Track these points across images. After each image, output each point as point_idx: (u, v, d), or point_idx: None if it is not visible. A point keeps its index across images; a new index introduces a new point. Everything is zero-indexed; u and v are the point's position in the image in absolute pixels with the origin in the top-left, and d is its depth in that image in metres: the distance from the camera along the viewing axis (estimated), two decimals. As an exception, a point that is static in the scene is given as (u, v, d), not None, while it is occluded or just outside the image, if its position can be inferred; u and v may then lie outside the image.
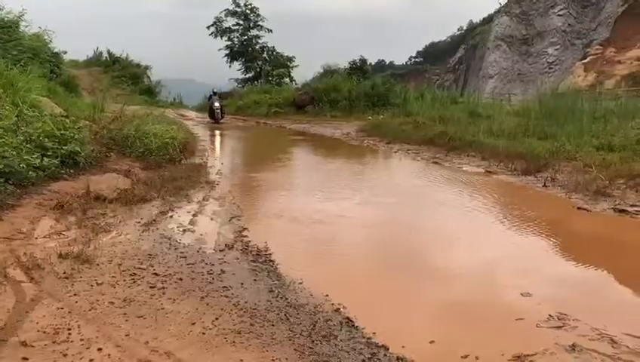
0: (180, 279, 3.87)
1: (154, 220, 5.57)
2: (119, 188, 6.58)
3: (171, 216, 5.82)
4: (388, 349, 2.94)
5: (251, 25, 32.38)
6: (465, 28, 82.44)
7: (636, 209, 6.34)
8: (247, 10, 32.03)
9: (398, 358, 2.84)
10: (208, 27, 32.16)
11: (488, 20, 64.02)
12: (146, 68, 34.35)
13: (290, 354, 2.81)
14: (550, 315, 3.42)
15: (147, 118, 11.47)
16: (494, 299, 3.90)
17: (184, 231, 5.29)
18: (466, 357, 2.89)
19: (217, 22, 32.07)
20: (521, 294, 3.82)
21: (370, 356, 2.85)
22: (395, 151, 12.65)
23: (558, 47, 46.69)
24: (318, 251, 5.08)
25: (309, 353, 2.84)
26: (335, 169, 10.81)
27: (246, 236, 5.22)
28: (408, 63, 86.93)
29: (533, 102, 15.64)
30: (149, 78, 34.34)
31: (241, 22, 32.18)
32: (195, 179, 8.13)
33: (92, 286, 3.63)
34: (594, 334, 3.18)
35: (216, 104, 22.52)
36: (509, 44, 52.11)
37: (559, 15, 47.20)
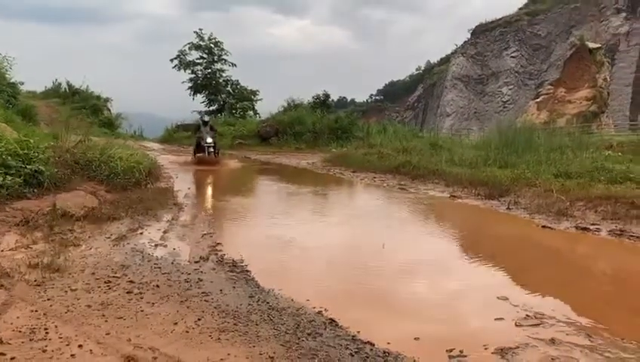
0: (157, 286, 3.79)
1: (124, 236, 5.46)
2: (87, 206, 6.44)
3: (141, 233, 5.72)
4: (373, 345, 2.95)
5: (215, 58, 32.55)
6: (423, 68, 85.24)
7: (597, 227, 6.64)
8: (211, 44, 32.25)
9: (384, 352, 2.86)
10: (172, 60, 32.13)
11: (445, 61, 66.42)
12: (107, 100, 33.83)
13: (277, 349, 2.79)
14: (528, 315, 3.52)
15: (111, 144, 11.28)
16: (473, 302, 3.99)
17: (156, 245, 5.20)
18: (450, 350, 2.93)
19: (181, 55, 32.11)
20: (498, 297, 3.92)
21: (356, 350, 2.86)
22: (362, 179, 12.80)
23: (512, 86, 48.79)
24: (293, 264, 5.07)
25: (296, 348, 2.82)
26: (303, 193, 10.85)
27: (220, 250, 5.17)
28: (369, 101, 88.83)
29: (493, 134, 16.21)
30: (109, 110, 33.82)
31: (205, 55, 32.31)
32: (163, 201, 8.01)
33: (66, 291, 3.52)
34: (571, 329, 3.28)
35: (209, 139, 15.80)
36: (465, 84, 54.09)
37: (512, 57, 49.52)
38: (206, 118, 17.57)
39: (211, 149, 15.95)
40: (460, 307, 3.90)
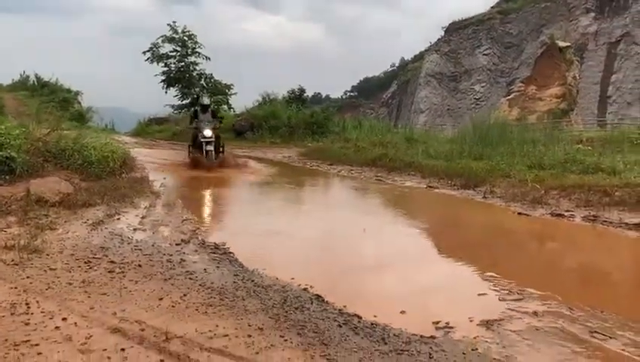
0: (139, 266, 3.74)
1: (101, 221, 5.36)
2: (62, 192, 6.29)
3: (119, 219, 5.63)
4: (361, 318, 2.96)
5: (189, 51, 32.09)
6: (397, 65, 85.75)
7: (571, 213, 6.80)
8: (185, 37, 31.80)
9: (372, 323, 2.87)
10: (144, 52, 31.54)
11: (419, 58, 66.92)
12: (77, 93, 33.07)
13: (266, 321, 2.78)
14: (510, 290, 3.58)
15: (84, 134, 11.05)
16: (456, 280, 4.04)
17: (135, 229, 5.13)
18: (437, 322, 2.96)
19: (154, 48, 31.53)
20: (480, 275, 3.98)
21: (344, 322, 2.87)
22: (339, 172, 12.82)
23: (484, 84, 49.49)
24: (276, 247, 5.06)
25: (285, 320, 2.82)
26: (281, 183, 10.82)
27: (201, 234, 5.12)
28: (344, 97, 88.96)
29: (467, 129, 16.43)
30: (79, 103, 33.10)
31: (178, 48, 31.83)
32: (139, 190, 7.88)
33: (45, 271, 3.44)
34: (552, 303, 3.35)
35: (207, 132, 11.40)
36: (438, 81, 54.61)
37: (485, 54, 50.23)
38: (205, 101, 12.44)
39: (210, 148, 11.20)
40: (443, 284, 3.95)
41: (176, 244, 4.56)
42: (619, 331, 2.88)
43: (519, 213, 6.95)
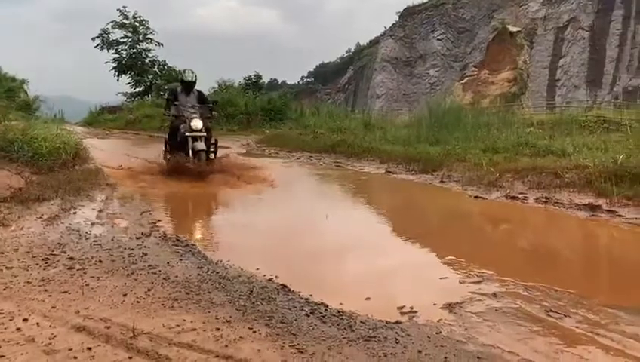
0: (100, 261, 3.66)
1: (57, 216, 5.20)
2: (12, 186, 6.07)
3: (75, 213, 5.47)
4: (327, 306, 3.00)
5: (140, 38, 31.23)
6: (353, 50, 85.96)
7: (525, 195, 7.06)
8: (136, 23, 30.91)
9: (338, 311, 2.92)
10: (93, 39, 30.54)
11: (375, 43, 67.29)
12: (23, 82, 31.79)
13: (233, 313, 2.78)
14: (470, 273, 3.70)
15: (34, 125, 10.65)
16: (418, 265, 4.14)
17: (93, 224, 5.00)
18: (402, 307, 3.03)
19: (104, 34, 30.56)
20: (441, 259, 4.09)
21: (311, 311, 2.90)
22: (298, 158, 12.84)
23: (438, 68, 50.32)
24: (238, 237, 5.05)
25: (252, 311, 2.83)
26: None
27: (161, 226, 5.04)
28: (300, 83, 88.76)
29: (423, 113, 16.68)
30: (26, 93, 31.81)
31: (129, 34, 30.93)
32: (95, 182, 7.66)
33: (1, 270, 3.32)
34: (509, 285, 3.48)
35: (196, 123, 8.24)
36: (394, 66, 55.15)
37: (439, 40, 51.01)
38: (189, 76, 8.75)
39: (200, 146, 8.12)
40: (406, 269, 4.04)
41: (137, 238, 4.48)
42: (572, 309, 3.03)
43: (476, 197, 7.15)
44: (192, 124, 8.14)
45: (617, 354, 2.47)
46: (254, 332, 2.55)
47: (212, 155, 8.59)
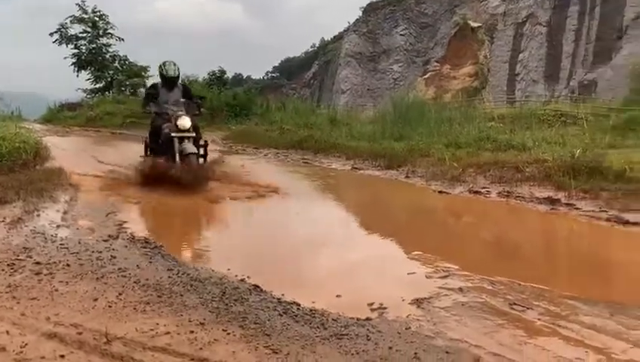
0: (68, 265, 3.61)
1: (20, 218, 5.07)
2: (-29, 189, 5.89)
3: (39, 215, 5.35)
4: (299, 305, 3.05)
5: (100, 32, 30.45)
6: (318, 45, 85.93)
7: (487, 190, 7.28)
8: (96, 17, 30.12)
9: (310, 310, 2.97)
10: (51, 34, 29.61)
11: (339, 38, 67.43)
12: (-23, 77, 30.65)
13: (207, 315, 2.80)
14: (437, 268, 3.81)
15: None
16: (386, 261, 4.23)
17: (58, 226, 4.90)
18: (372, 304, 3.11)
19: (62, 28, 29.66)
20: (408, 255, 4.19)
21: (284, 311, 2.94)
22: (265, 155, 12.82)
23: (401, 64, 50.80)
24: (207, 238, 5.05)
25: (225, 313, 2.85)
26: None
27: (128, 228, 4.99)
28: (265, 78, 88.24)
29: (388, 109, 16.88)
30: (-20, 89, 30.65)
31: (88, 29, 30.12)
32: (57, 182, 7.47)
33: (-36, 278, 3.24)
34: (475, 279, 3.61)
35: (184, 120, 7.10)
36: (358, 61, 55.40)
37: (401, 35, 51.49)
38: (171, 71, 7.60)
39: (190, 148, 7.00)
40: (375, 265, 4.13)
41: (104, 240, 4.42)
42: (535, 301, 3.17)
43: (440, 192, 7.33)
44: (178, 122, 6.99)
45: (577, 344, 2.60)
46: (228, 333, 2.58)
47: (202, 159, 7.41)
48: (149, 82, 31.69)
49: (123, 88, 30.60)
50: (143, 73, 31.29)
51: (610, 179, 6.75)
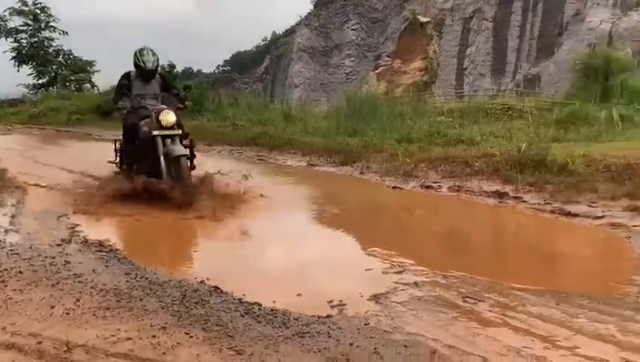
0: (20, 272, 3.52)
1: (-36, 224, 4.90)
2: None
3: (-16, 220, 5.16)
4: (261, 305, 3.09)
5: (42, 25, 29.30)
6: (269, 38, 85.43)
7: (439, 184, 7.49)
8: (37, 10, 28.94)
9: (272, 309, 3.02)
10: (-12, 27, 28.26)
11: (291, 32, 67.26)
12: None
13: (168, 319, 2.81)
14: (393, 263, 3.93)
15: None
16: (344, 258, 4.33)
17: (6, 231, 4.75)
18: (331, 301, 3.19)
19: (0, 21, 28.37)
20: (365, 251, 4.29)
21: (246, 311, 2.98)
22: (219, 152, 12.70)
23: (353, 58, 51.29)
24: (163, 240, 5.01)
25: (187, 316, 2.87)
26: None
27: (81, 231, 4.88)
28: (216, 72, 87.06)
29: (341, 104, 17.03)
30: None
31: (29, 22, 28.91)
32: (2, 184, 7.24)
33: None
34: (429, 273, 3.74)
35: (167, 115, 5.93)
36: (310, 56, 55.54)
37: (353, 29, 51.95)
38: (149, 63, 6.47)
39: (179, 150, 5.90)
40: (333, 262, 4.21)
41: (57, 245, 4.32)
42: (485, 294, 3.32)
43: (394, 187, 7.50)
44: (161, 117, 5.85)
45: (525, 333, 2.76)
46: (191, 337, 2.60)
47: (192, 163, 6.20)
48: (95, 78, 31.04)
49: (68, 84, 29.60)
50: (88, 68, 30.37)
51: (554, 172, 7.06)
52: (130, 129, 6.44)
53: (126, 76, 6.66)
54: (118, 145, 7.13)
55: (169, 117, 5.92)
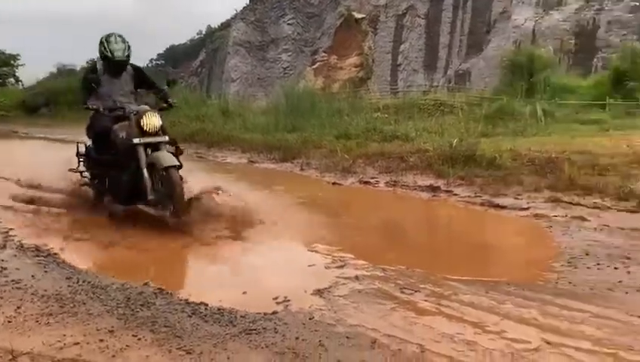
0: (-47, 282, 3.40)
1: None
2: None
3: None
4: (207, 305, 3.15)
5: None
6: (204, 32, 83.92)
7: (376, 180, 7.76)
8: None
9: (218, 309, 3.09)
10: None
11: (226, 25, 66.38)
12: None
13: (114, 322, 2.82)
14: (334, 258, 4.09)
15: None
16: (287, 254, 4.44)
17: None
18: (276, 298, 3.29)
19: None
20: (307, 247, 4.43)
21: (192, 312, 3.03)
22: (155, 149, 12.48)
23: (290, 53, 51.36)
24: (101, 241, 4.90)
25: (133, 318, 2.88)
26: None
27: (15, 236, 4.73)
28: (150, 66, 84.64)
29: (280, 100, 17.11)
30: None
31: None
32: None
33: None
34: (369, 267, 3.92)
35: (150, 118, 4.88)
36: (247, 50, 55.12)
37: (289, 24, 52.00)
38: (118, 52, 5.24)
39: (169, 160, 4.88)
40: (276, 259, 4.30)
41: (-9, 251, 4.19)
42: (421, 285, 3.53)
43: (334, 183, 7.71)
44: (144, 121, 4.85)
45: (457, 320, 2.97)
46: (139, 339, 2.63)
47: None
48: (20, 73, 29.63)
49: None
50: (12, 62, 28.97)
51: (483, 166, 7.50)
52: (101, 134, 5.25)
53: (93, 69, 5.48)
54: (83, 150, 5.79)
55: (153, 120, 4.90)
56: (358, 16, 40.71)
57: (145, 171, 4.84)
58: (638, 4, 42.96)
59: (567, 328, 2.85)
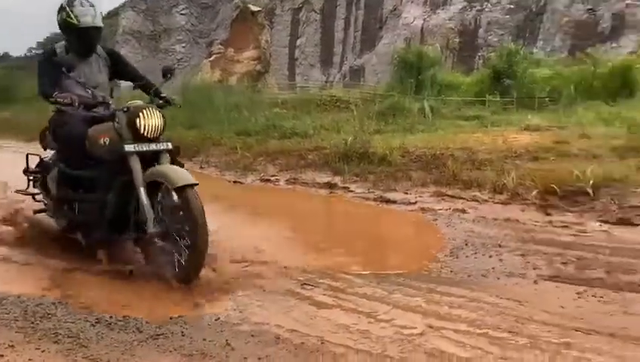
0: None
1: None
2: None
3: None
4: (112, 314, 3.15)
5: None
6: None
7: (276, 178, 7.96)
8: None
9: (123, 316, 3.11)
10: None
11: (114, 14, 63.00)
12: None
13: (14, 336, 2.76)
14: (238, 256, 4.22)
15: None
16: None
17: None
18: (182, 301, 3.37)
19: None
20: (210, 246, 4.50)
21: (96, 321, 3.02)
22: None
23: (184, 44, 50.00)
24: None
25: (33, 331, 2.84)
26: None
27: None
28: (28, 55, 78.08)
29: (176, 94, 16.71)
30: None
31: None
32: None
33: None
34: (272, 264, 4.10)
35: (149, 118, 3.61)
36: (138, 40, 52.84)
37: (182, 14, 50.59)
38: (88, 17, 3.78)
39: (185, 178, 3.52)
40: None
41: None
42: (320, 280, 3.77)
43: (234, 182, 7.80)
44: (140, 121, 3.62)
45: (353, 312, 3.24)
46: (43, 351, 2.61)
47: None
48: None
49: None
50: None
51: (376, 163, 7.95)
52: (71, 141, 3.87)
53: (54, 52, 4.02)
54: (34, 165, 4.59)
55: (153, 120, 3.69)
56: (254, 8, 40.51)
57: (143, 192, 3.54)
58: (514, 6, 46.75)
59: (446, 312, 3.22)
